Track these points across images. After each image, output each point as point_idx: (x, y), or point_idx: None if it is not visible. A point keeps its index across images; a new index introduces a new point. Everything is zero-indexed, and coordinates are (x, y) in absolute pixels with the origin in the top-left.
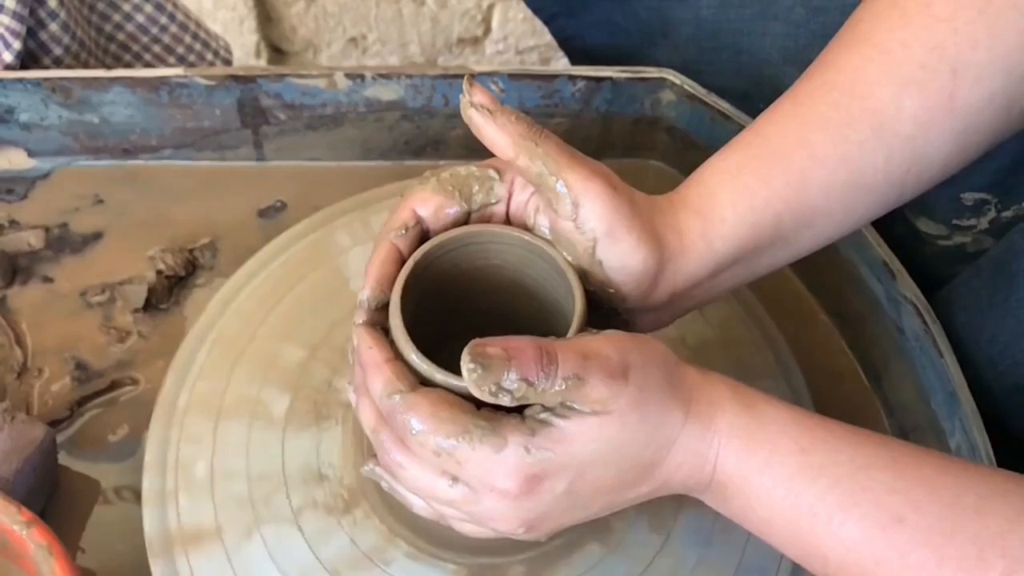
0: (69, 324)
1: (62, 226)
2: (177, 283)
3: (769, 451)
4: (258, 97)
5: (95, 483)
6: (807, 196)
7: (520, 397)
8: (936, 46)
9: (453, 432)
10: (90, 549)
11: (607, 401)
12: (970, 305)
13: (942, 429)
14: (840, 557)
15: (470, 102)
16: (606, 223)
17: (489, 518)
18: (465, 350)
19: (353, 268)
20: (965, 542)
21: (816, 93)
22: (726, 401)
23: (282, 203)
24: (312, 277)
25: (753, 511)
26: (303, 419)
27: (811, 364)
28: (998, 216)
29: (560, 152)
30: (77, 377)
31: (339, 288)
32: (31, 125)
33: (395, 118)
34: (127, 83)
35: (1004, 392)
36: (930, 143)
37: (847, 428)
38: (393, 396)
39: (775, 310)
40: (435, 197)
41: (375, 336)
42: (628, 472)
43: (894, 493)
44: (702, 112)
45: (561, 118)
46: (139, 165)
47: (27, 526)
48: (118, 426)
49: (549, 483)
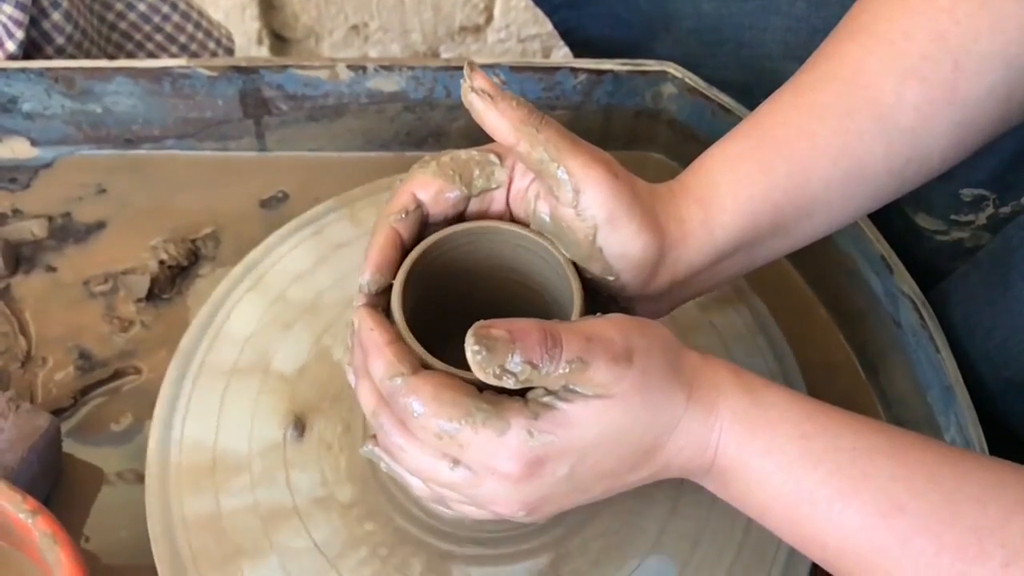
0: (72, 313)
1: (65, 215)
2: (179, 273)
3: (770, 436)
4: (260, 88)
5: (99, 471)
6: (808, 186)
7: (524, 380)
8: (938, 37)
9: (455, 415)
10: (93, 534)
11: (610, 384)
12: (967, 300)
13: (938, 424)
14: (839, 543)
15: (471, 87)
16: (607, 210)
17: (490, 501)
18: (469, 332)
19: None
20: (964, 531)
21: (817, 83)
22: (728, 386)
23: (284, 193)
24: (318, 266)
25: (753, 496)
26: (308, 398)
27: (809, 357)
28: (996, 212)
29: (561, 138)
30: (80, 366)
31: (345, 275)
32: (34, 114)
33: (397, 109)
34: (130, 73)
35: (1000, 387)
36: (931, 134)
37: (848, 415)
38: (395, 378)
39: (773, 303)
40: (435, 181)
41: (376, 318)
42: (629, 456)
43: (895, 481)
44: (703, 105)
45: (562, 110)
46: (142, 155)
47: (32, 515)
48: (121, 415)
49: (551, 466)
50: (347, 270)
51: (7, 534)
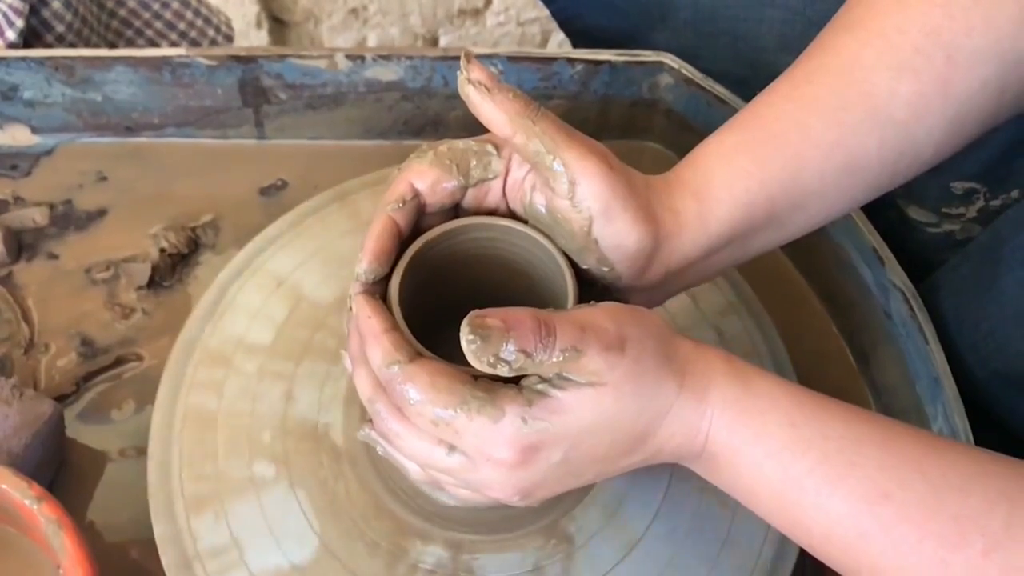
0: (74, 300)
1: (66, 203)
2: (180, 261)
3: (760, 424)
4: (259, 77)
5: (101, 454)
6: (802, 179)
7: (518, 368)
8: (931, 31)
9: (451, 402)
10: (96, 515)
11: (603, 373)
12: (957, 291)
13: (925, 413)
14: (825, 530)
15: (468, 79)
16: (602, 202)
17: (485, 486)
18: (465, 321)
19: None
20: (947, 519)
21: (813, 76)
22: (719, 373)
23: (283, 182)
24: (318, 255)
25: (742, 481)
26: (309, 381)
27: (800, 346)
28: (986, 205)
29: (557, 130)
30: (83, 353)
31: (343, 263)
32: (35, 102)
33: (395, 98)
34: (129, 62)
35: (986, 377)
36: (923, 128)
37: (838, 404)
38: (392, 366)
39: (766, 292)
40: (432, 171)
41: (374, 305)
42: (622, 442)
43: (881, 469)
44: (699, 96)
45: (559, 100)
46: (142, 142)
47: (38, 501)
48: (123, 401)
49: (545, 453)
50: (340, 264)
51: (13, 520)
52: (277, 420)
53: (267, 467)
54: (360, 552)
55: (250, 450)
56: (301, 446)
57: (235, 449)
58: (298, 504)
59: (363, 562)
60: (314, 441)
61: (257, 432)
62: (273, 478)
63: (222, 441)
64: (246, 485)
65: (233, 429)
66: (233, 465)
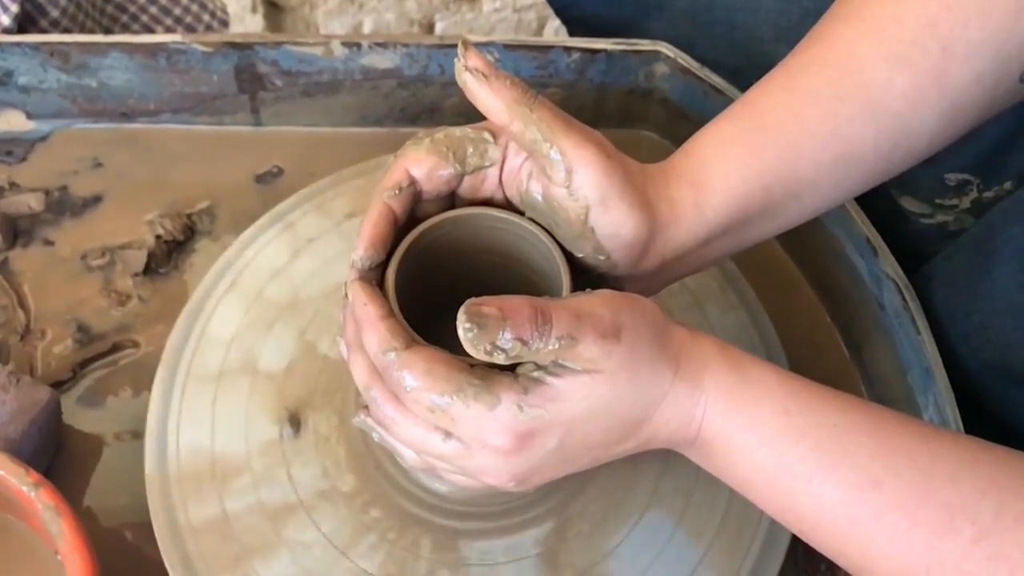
0: (70, 287)
1: (62, 189)
2: (176, 247)
3: (754, 411)
4: (255, 64)
5: (98, 441)
6: (797, 169)
7: (514, 356)
8: (928, 23)
9: (447, 390)
10: (92, 500)
11: (599, 360)
12: (949, 282)
13: (917, 403)
14: (816, 516)
15: (465, 66)
16: (599, 190)
17: (481, 472)
18: (461, 310)
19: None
20: (938, 507)
21: (809, 67)
22: (714, 361)
23: (279, 168)
24: (314, 243)
25: (736, 468)
26: (299, 395)
27: (793, 335)
28: (980, 196)
29: (554, 118)
30: (79, 339)
31: (341, 252)
32: (30, 88)
33: (391, 86)
34: (125, 48)
35: (978, 368)
36: (919, 119)
37: (832, 392)
38: (388, 353)
39: (759, 281)
40: (429, 158)
41: (370, 292)
42: (616, 429)
43: (873, 458)
44: (695, 85)
45: (556, 88)
46: (137, 128)
47: (35, 487)
48: (120, 388)
49: (540, 440)
50: (322, 263)
51: (11, 506)
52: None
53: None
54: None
55: (247, 435)
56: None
57: (232, 435)
58: (294, 491)
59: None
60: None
61: (254, 417)
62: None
63: (219, 427)
64: (243, 470)
65: (231, 415)
66: (230, 450)
